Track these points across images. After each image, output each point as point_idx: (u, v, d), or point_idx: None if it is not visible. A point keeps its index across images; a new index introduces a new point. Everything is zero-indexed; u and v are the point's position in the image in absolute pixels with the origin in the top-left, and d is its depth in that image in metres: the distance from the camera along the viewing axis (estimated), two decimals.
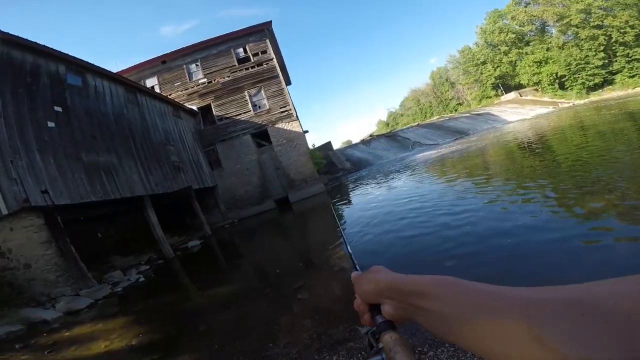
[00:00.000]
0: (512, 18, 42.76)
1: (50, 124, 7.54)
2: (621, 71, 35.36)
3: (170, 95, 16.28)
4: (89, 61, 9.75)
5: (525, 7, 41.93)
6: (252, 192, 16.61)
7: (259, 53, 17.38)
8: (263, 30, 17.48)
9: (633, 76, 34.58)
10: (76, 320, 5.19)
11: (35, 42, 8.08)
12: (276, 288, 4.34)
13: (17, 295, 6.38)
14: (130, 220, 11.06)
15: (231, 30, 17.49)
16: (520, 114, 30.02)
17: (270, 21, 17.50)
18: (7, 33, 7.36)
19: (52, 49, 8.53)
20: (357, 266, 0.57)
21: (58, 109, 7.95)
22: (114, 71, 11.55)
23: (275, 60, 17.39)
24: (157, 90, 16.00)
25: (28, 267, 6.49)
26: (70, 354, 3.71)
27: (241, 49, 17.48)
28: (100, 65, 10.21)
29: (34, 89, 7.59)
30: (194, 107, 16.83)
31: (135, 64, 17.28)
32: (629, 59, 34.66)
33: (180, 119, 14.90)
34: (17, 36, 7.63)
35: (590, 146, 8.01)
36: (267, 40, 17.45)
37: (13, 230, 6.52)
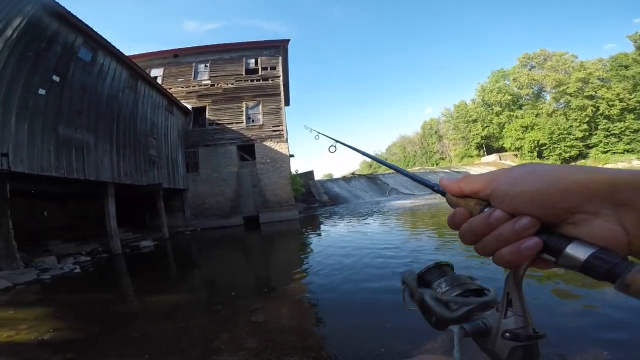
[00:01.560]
0: (513, 79, 42.34)
1: (41, 91, 7.22)
2: (597, 145, 34.20)
3: (170, 89, 16.01)
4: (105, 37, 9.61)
5: (530, 70, 41.80)
6: (223, 203, 16.00)
7: (268, 68, 17.55)
8: (279, 47, 17.81)
9: (606, 152, 33.14)
10: None
11: (71, 14, 7.96)
12: (229, 307, 3.94)
13: None
14: (84, 205, 10.19)
15: (247, 40, 17.87)
16: None
17: (289, 40, 17.95)
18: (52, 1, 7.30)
19: (82, 21, 8.43)
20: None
21: (56, 78, 7.71)
22: (126, 54, 11.46)
23: (281, 78, 17.59)
24: (159, 81, 15.87)
25: None
26: None
27: (253, 60, 17.63)
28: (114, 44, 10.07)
29: (42, 55, 7.33)
30: (189, 106, 16.55)
31: (148, 52, 17.31)
32: (608, 133, 33.45)
33: (171, 115, 14.70)
34: (57, 3, 7.50)
35: None
36: (280, 57, 17.74)
37: None
